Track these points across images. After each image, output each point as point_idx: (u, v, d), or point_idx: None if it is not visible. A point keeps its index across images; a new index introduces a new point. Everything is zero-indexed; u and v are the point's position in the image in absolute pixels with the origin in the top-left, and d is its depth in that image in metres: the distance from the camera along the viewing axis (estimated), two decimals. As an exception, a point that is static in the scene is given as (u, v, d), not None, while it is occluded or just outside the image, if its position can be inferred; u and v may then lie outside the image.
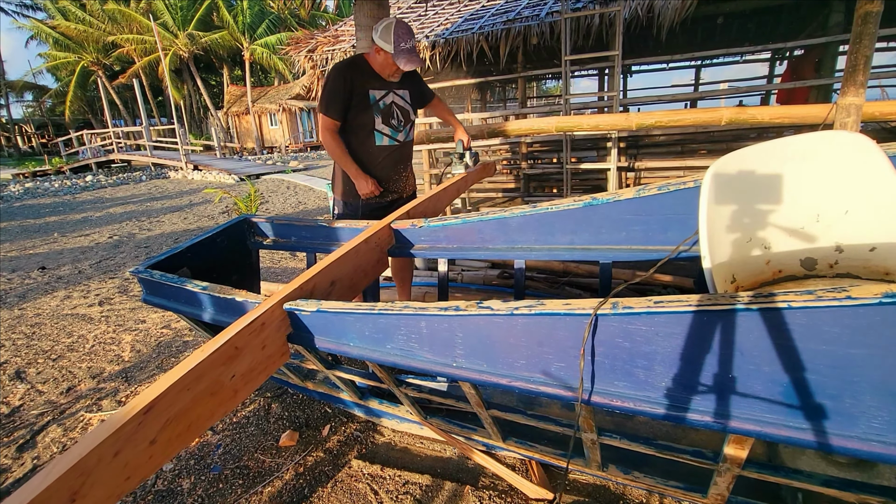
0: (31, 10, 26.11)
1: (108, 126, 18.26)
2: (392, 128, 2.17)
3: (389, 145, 2.19)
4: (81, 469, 0.74)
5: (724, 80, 10.45)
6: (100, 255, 5.51)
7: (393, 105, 2.15)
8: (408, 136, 2.27)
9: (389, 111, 2.14)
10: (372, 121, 2.10)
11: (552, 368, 0.89)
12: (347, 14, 22.71)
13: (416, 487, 1.58)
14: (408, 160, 2.35)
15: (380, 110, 2.11)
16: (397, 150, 2.23)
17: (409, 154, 2.35)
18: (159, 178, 14.70)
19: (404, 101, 2.19)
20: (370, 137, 2.13)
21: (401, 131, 2.21)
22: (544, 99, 18.81)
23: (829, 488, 0.95)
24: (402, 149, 2.26)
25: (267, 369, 1.13)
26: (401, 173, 2.30)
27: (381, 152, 2.18)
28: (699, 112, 2.73)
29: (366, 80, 2.07)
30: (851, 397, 0.67)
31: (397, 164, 2.26)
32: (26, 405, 2.32)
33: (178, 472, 1.77)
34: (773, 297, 0.69)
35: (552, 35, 5.13)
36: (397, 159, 2.25)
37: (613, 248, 1.47)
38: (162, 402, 0.86)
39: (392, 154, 2.22)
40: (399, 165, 2.28)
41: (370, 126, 2.11)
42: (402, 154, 2.28)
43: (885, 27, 3.26)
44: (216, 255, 1.80)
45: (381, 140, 2.17)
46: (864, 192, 1.14)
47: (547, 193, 6.26)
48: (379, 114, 2.11)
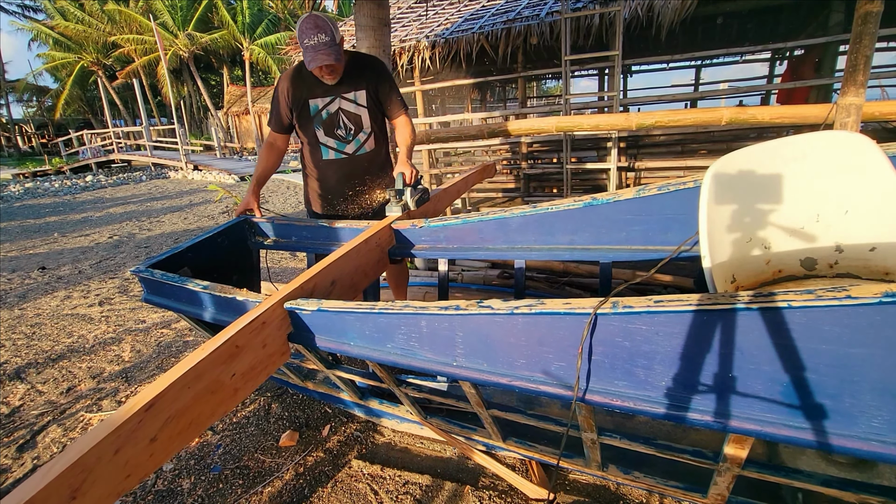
0: (32, 10, 26.16)
1: (108, 126, 18.27)
2: (338, 139, 1.93)
3: (336, 159, 1.96)
4: (82, 466, 0.74)
5: (724, 80, 10.46)
6: (100, 255, 5.51)
7: (339, 113, 1.90)
8: (360, 148, 1.97)
9: (334, 121, 1.91)
10: (314, 133, 1.92)
11: (552, 368, 0.89)
12: (347, 14, 22.71)
13: (416, 487, 1.58)
14: (363, 174, 2.02)
15: (321, 121, 1.90)
16: (346, 164, 1.97)
17: (367, 167, 2.02)
18: (159, 178, 14.70)
19: (356, 104, 1.91)
20: (317, 151, 1.96)
21: (349, 142, 1.94)
22: (544, 99, 18.83)
23: (829, 488, 0.95)
24: (353, 162, 1.98)
25: (267, 368, 1.13)
26: (355, 189, 2.02)
27: (327, 167, 1.98)
28: (699, 112, 2.73)
29: (306, 89, 1.86)
30: (851, 397, 0.67)
31: (349, 180, 2.00)
32: (26, 405, 2.32)
33: (178, 472, 1.77)
34: (773, 296, 0.69)
35: (552, 35, 5.14)
36: (347, 174, 1.99)
37: (613, 248, 1.47)
38: (163, 400, 0.86)
39: (340, 168, 1.98)
40: (352, 181, 2.01)
41: (315, 139, 1.93)
42: (354, 168, 1.99)
43: (885, 27, 3.27)
44: (217, 255, 1.80)
45: (326, 154, 1.96)
46: (864, 192, 1.14)
47: (547, 193, 6.26)
48: (320, 125, 1.90)
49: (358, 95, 1.91)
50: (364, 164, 2.01)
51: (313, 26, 1.68)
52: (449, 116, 7.53)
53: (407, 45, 5.92)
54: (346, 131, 1.93)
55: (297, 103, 1.88)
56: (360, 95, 1.91)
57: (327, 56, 1.70)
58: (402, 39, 6.04)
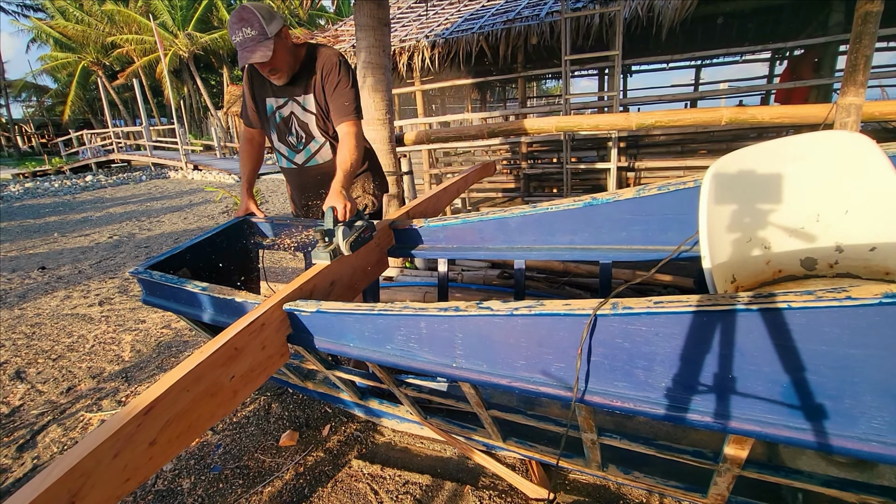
0: (32, 10, 26.14)
1: (108, 126, 18.27)
2: (289, 146, 1.75)
3: (288, 168, 1.80)
4: (81, 470, 0.74)
5: (723, 80, 10.45)
6: (100, 255, 5.51)
7: (292, 117, 1.69)
8: (311, 159, 1.74)
9: (286, 126, 1.71)
10: (270, 137, 1.76)
11: (552, 369, 0.89)
12: (347, 14, 22.67)
13: (416, 487, 1.58)
14: (317, 188, 1.78)
15: (275, 125, 1.73)
16: (297, 175, 1.81)
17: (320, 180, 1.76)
18: (159, 178, 14.70)
19: (304, 110, 1.67)
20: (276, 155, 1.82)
21: (299, 151, 1.74)
22: (544, 99, 18.82)
23: (829, 488, 0.95)
24: (303, 174, 1.79)
25: (267, 370, 1.13)
26: (310, 202, 1.85)
27: (287, 174, 1.84)
28: (699, 112, 2.74)
29: (263, 87, 1.69)
30: (851, 398, 0.67)
31: (304, 192, 1.85)
32: (26, 405, 2.32)
33: (178, 472, 1.77)
34: (773, 297, 0.69)
35: (552, 35, 5.14)
36: (300, 185, 1.84)
37: (613, 248, 1.47)
38: (162, 403, 0.86)
39: (293, 179, 1.84)
40: (305, 193, 1.84)
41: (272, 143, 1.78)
42: (305, 181, 1.81)
43: (885, 27, 3.26)
44: (216, 256, 1.80)
45: (281, 161, 1.81)
46: (864, 192, 1.14)
47: (547, 193, 6.26)
48: (274, 129, 1.73)
49: (307, 100, 1.65)
50: (316, 177, 1.77)
51: (238, 19, 1.44)
52: (449, 116, 7.53)
53: (407, 45, 5.91)
54: (296, 139, 1.72)
55: (258, 99, 1.73)
56: (308, 100, 1.65)
57: (252, 52, 1.45)
58: (402, 39, 6.04)
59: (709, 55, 6.21)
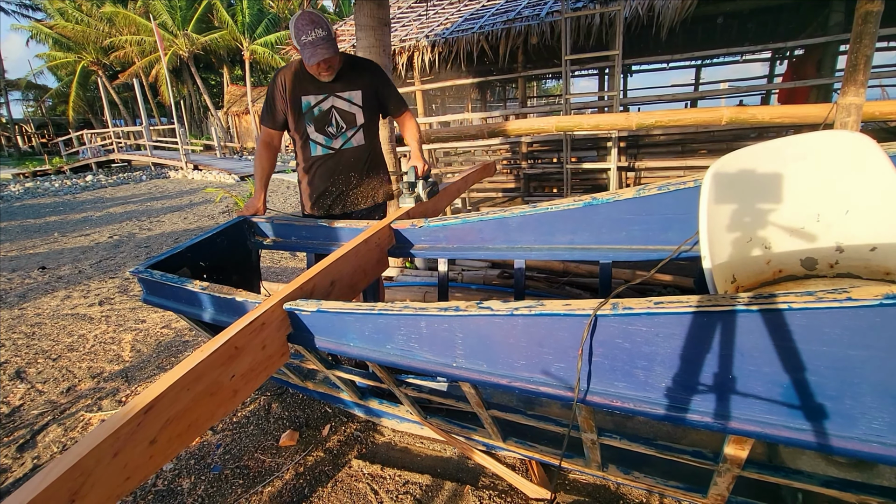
0: (31, 10, 26.13)
1: (108, 126, 18.26)
2: (327, 135, 1.97)
3: (323, 155, 2.00)
4: (81, 469, 0.74)
5: (724, 80, 10.45)
6: (100, 254, 5.51)
7: (332, 110, 1.94)
8: (347, 142, 2.01)
9: (325, 118, 1.94)
10: (305, 130, 1.95)
11: (552, 369, 0.89)
12: (347, 14, 22.67)
13: (416, 487, 1.58)
14: (348, 171, 2.05)
15: (313, 118, 1.93)
16: (332, 159, 2.01)
17: (353, 163, 2.05)
18: (159, 177, 14.70)
19: (350, 103, 1.96)
20: (307, 148, 2.00)
21: (336, 137, 1.98)
22: (544, 99, 18.83)
23: (829, 489, 0.95)
24: (340, 156, 2.02)
25: (267, 369, 1.13)
26: (339, 186, 2.05)
27: (315, 163, 2.02)
28: (699, 112, 2.73)
29: (299, 87, 1.89)
30: (852, 398, 0.67)
31: (333, 175, 2.03)
32: (26, 405, 2.32)
33: (178, 472, 1.77)
34: (774, 297, 0.69)
35: (552, 35, 5.13)
36: (332, 169, 2.03)
37: (613, 248, 1.47)
38: (162, 402, 0.86)
39: (326, 163, 2.02)
40: (336, 176, 2.04)
41: (305, 136, 1.97)
42: (341, 162, 2.03)
43: (886, 27, 3.26)
44: (216, 255, 1.80)
45: (315, 150, 2.00)
46: (864, 192, 1.14)
47: (547, 193, 6.26)
48: (311, 122, 1.93)
49: (353, 95, 1.96)
50: (350, 159, 2.04)
51: (309, 22, 1.70)
52: (449, 116, 7.53)
53: (407, 44, 5.91)
54: (336, 128, 1.98)
55: (293, 99, 1.91)
56: (355, 95, 1.96)
57: (326, 50, 1.72)
58: (402, 39, 6.04)
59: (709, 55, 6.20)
